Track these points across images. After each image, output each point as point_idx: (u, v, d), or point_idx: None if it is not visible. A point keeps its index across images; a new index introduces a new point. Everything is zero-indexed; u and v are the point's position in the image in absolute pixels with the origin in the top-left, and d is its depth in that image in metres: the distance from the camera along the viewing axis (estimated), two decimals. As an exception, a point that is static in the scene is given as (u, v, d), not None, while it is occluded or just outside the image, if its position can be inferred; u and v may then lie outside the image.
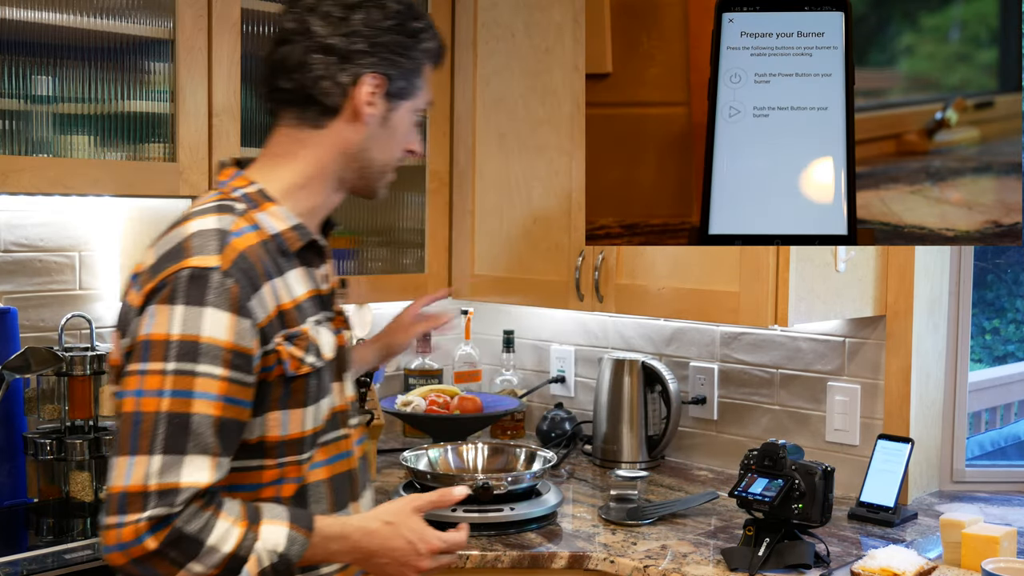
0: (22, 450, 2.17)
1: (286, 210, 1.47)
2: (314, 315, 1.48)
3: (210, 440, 1.31)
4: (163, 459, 1.29)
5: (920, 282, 2.34)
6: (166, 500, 1.28)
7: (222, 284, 1.34)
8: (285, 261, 1.45)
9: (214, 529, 1.30)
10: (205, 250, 1.36)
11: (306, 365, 1.43)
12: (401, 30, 1.49)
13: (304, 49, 1.46)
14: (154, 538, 1.27)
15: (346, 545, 1.43)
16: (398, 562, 1.46)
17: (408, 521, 1.48)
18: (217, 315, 1.33)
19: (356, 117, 1.48)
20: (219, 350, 1.32)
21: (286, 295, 1.43)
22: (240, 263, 1.37)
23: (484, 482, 2.09)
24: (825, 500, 1.92)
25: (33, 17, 2.04)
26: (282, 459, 1.43)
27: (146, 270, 1.38)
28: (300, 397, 1.44)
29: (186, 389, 1.31)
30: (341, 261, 2.66)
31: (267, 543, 1.34)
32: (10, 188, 2.01)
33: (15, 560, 1.83)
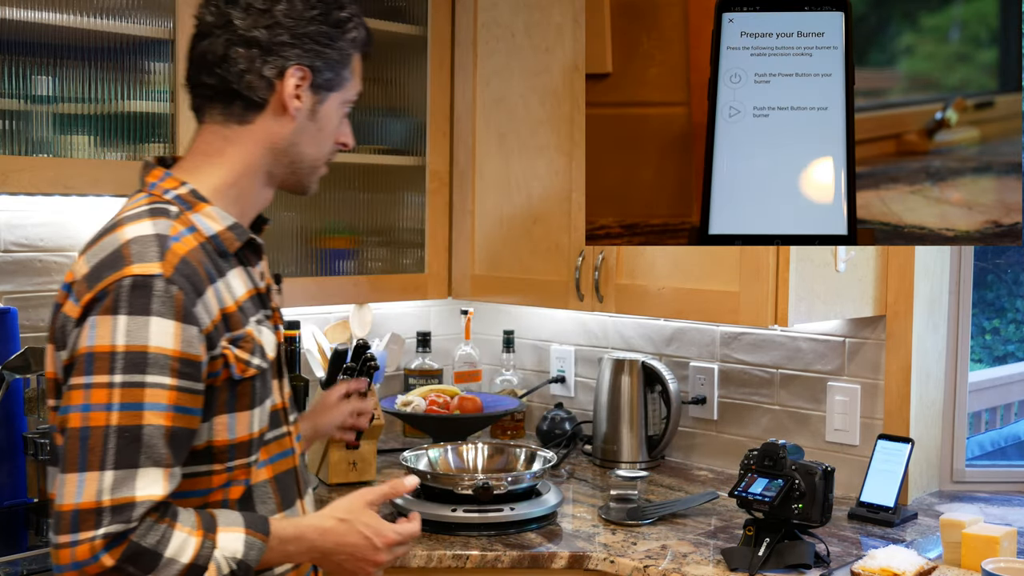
0: (22, 450, 2.17)
1: (220, 210, 1.44)
2: (255, 315, 1.46)
3: (162, 451, 1.29)
4: (115, 474, 1.26)
5: (920, 282, 2.34)
6: (121, 516, 1.25)
7: (166, 292, 1.30)
8: (224, 262, 1.43)
9: (171, 541, 1.28)
10: (146, 257, 1.32)
11: (252, 367, 1.41)
12: (325, 20, 1.46)
13: (226, 43, 1.42)
14: (110, 555, 1.25)
15: (303, 546, 1.43)
16: (355, 557, 1.46)
17: (362, 516, 1.47)
18: (163, 324, 1.29)
19: (283, 111, 1.45)
20: (167, 359, 1.29)
21: (228, 297, 1.40)
22: (183, 269, 1.33)
23: (484, 482, 2.09)
24: (825, 500, 1.91)
25: (33, 17, 2.04)
26: (231, 463, 1.41)
27: (81, 279, 1.34)
28: (246, 400, 1.42)
29: (136, 401, 1.28)
30: (341, 261, 2.66)
31: (225, 551, 1.32)
32: (10, 188, 2.01)
33: (15, 560, 1.83)
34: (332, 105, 1.50)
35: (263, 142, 1.47)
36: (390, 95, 2.76)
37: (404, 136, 2.78)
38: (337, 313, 2.84)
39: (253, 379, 1.42)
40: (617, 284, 2.41)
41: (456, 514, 2.08)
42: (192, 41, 1.47)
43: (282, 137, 1.47)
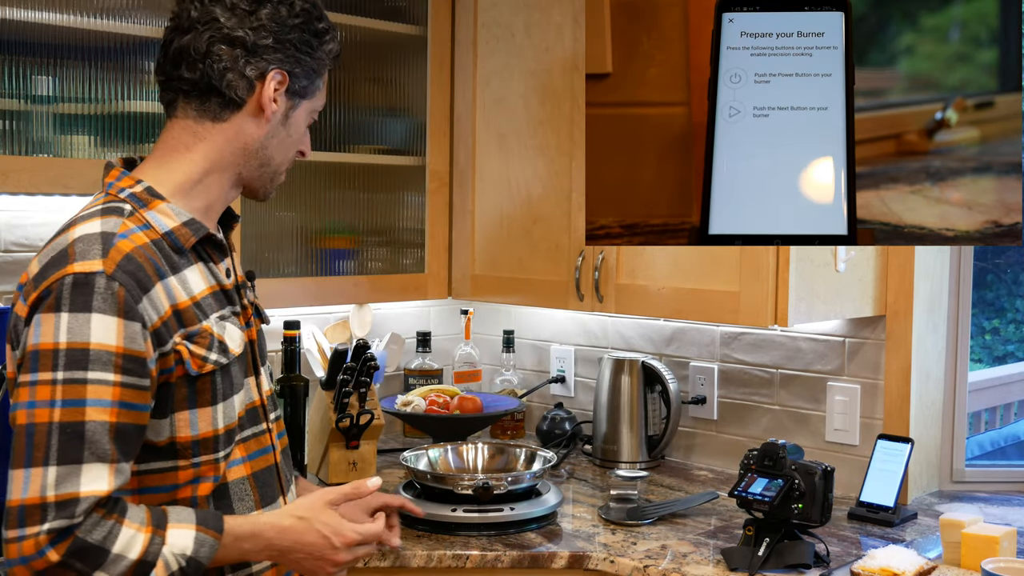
0: (22, 450, 2.16)
1: (177, 207, 1.44)
2: (217, 311, 1.46)
3: (106, 447, 1.29)
4: (58, 470, 1.27)
5: (920, 282, 2.34)
6: (65, 511, 1.26)
7: (108, 288, 1.31)
8: (180, 259, 1.43)
9: (119, 537, 1.29)
10: (88, 255, 1.33)
11: (209, 363, 1.41)
12: (307, 28, 1.49)
13: (209, 39, 1.43)
14: (55, 550, 1.25)
15: (259, 543, 1.42)
16: (313, 556, 1.45)
17: (321, 516, 1.46)
18: (104, 320, 1.30)
19: (259, 112, 1.47)
20: (109, 355, 1.30)
21: (182, 293, 1.40)
22: (125, 265, 1.34)
23: (484, 482, 2.09)
24: (825, 500, 1.92)
25: (33, 17, 2.04)
26: (196, 459, 1.41)
27: (30, 279, 1.35)
28: (207, 396, 1.42)
29: (78, 398, 1.29)
30: (341, 261, 2.66)
31: (174, 547, 1.32)
32: (10, 188, 2.01)
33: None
34: (302, 113, 1.53)
35: (235, 141, 1.48)
36: (390, 95, 2.76)
37: (404, 136, 2.78)
38: (337, 313, 2.84)
39: (212, 375, 1.42)
40: (617, 284, 2.41)
41: (456, 514, 2.08)
42: (169, 34, 1.47)
43: (255, 139, 1.48)
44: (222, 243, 1.51)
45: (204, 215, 1.49)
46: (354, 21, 2.59)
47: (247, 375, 1.52)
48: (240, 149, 1.48)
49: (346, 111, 2.64)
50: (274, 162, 1.52)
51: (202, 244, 1.47)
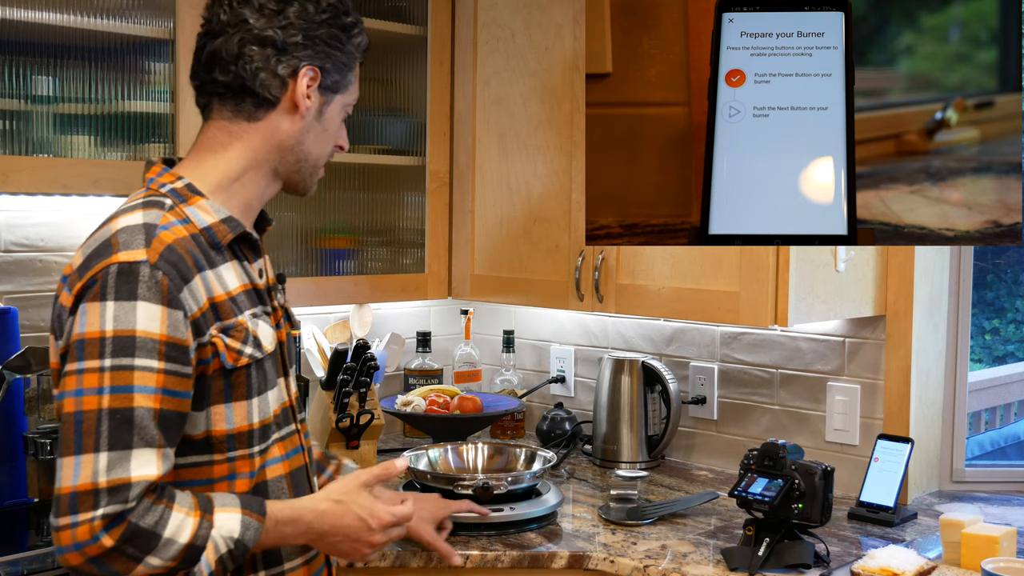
0: (22, 450, 2.17)
1: (215, 204, 1.47)
2: (249, 308, 1.48)
3: (154, 433, 1.32)
4: (109, 455, 1.29)
5: (920, 282, 2.34)
6: (118, 496, 1.28)
7: (152, 277, 1.34)
8: (216, 255, 1.45)
9: (169, 521, 1.31)
10: (132, 244, 1.35)
11: (245, 356, 1.43)
12: (334, 23, 1.51)
13: (240, 41, 1.46)
14: (109, 535, 1.27)
15: (299, 527, 1.45)
16: (350, 539, 1.49)
17: (357, 498, 1.49)
18: (149, 308, 1.33)
19: (293, 109, 1.49)
20: (154, 343, 1.32)
21: (219, 287, 1.43)
22: (168, 255, 1.36)
23: (484, 482, 2.09)
24: (825, 500, 1.92)
25: (33, 17, 2.04)
26: (231, 453, 1.44)
27: (75, 270, 1.38)
28: (242, 390, 1.44)
29: (125, 384, 1.31)
30: (341, 261, 2.66)
31: (222, 530, 1.35)
32: (10, 188, 2.01)
33: (15, 560, 1.83)
34: (336, 107, 1.54)
35: (270, 139, 1.50)
36: (390, 95, 2.76)
37: (404, 136, 2.78)
38: (337, 313, 2.85)
39: (247, 369, 1.44)
40: (617, 284, 2.41)
41: (456, 514, 2.08)
42: (201, 40, 1.50)
43: (290, 135, 1.50)
44: (257, 243, 1.54)
45: (242, 214, 1.51)
46: (354, 21, 2.58)
47: (278, 375, 1.54)
48: (276, 146, 1.50)
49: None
50: (311, 157, 1.54)
51: (238, 242, 1.50)
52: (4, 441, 2.16)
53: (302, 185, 1.57)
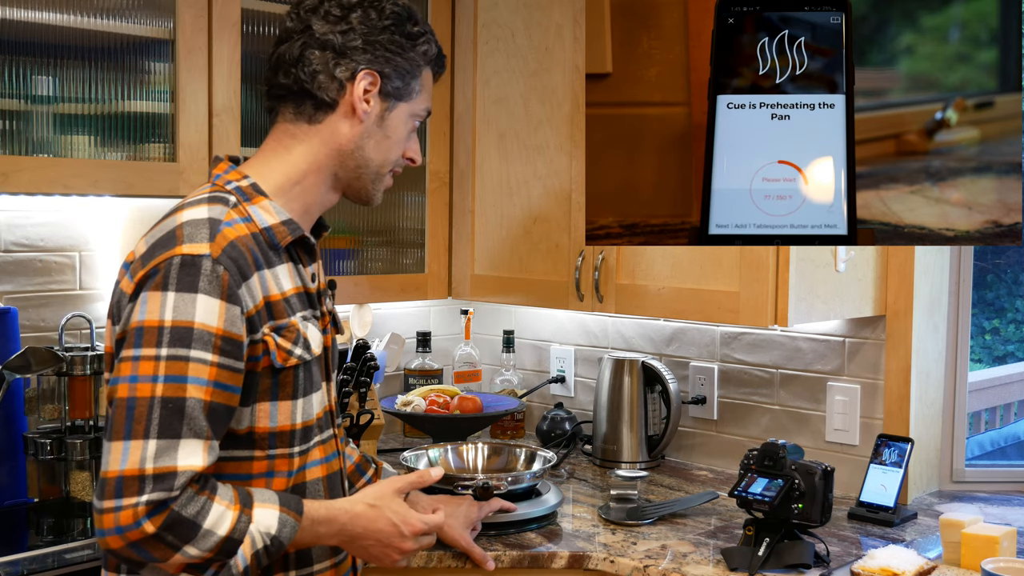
0: (22, 450, 2.17)
1: (277, 205, 1.49)
2: (301, 311, 1.49)
3: (203, 424, 1.33)
4: (158, 443, 1.30)
5: (920, 282, 2.34)
6: (164, 484, 1.29)
7: (213, 271, 1.35)
8: (274, 255, 1.47)
9: (210, 513, 1.33)
10: (196, 238, 1.37)
11: (294, 357, 1.45)
12: (397, 31, 1.52)
13: (302, 45, 1.49)
14: (152, 522, 1.29)
15: (333, 528, 1.46)
16: (381, 544, 1.50)
17: (391, 504, 1.51)
18: (208, 301, 1.34)
19: (352, 113, 1.50)
20: (210, 336, 1.34)
21: (274, 287, 1.45)
22: (230, 251, 1.38)
23: (484, 482, 2.09)
24: (825, 500, 1.92)
25: (33, 17, 2.04)
26: (271, 451, 1.45)
27: (138, 258, 1.40)
28: (288, 390, 1.46)
29: (180, 374, 1.32)
30: (341, 261, 2.66)
31: (260, 525, 1.36)
32: (10, 188, 2.01)
33: (15, 560, 1.83)
34: (400, 115, 1.55)
35: (330, 142, 1.52)
36: (390, 95, 2.76)
37: (404, 136, 2.78)
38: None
39: (296, 369, 1.46)
40: (617, 284, 2.41)
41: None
42: (273, 47, 1.54)
43: (349, 139, 1.52)
44: (313, 247, 1.55)
45: (300, 217, 1.53)
46: (354, 21, 2.59)
47: (323, 379, 1.56)
48: (336, 150, 1.52)
49: (346, 111, 2.64)
50: (372, 163, 1.55)
51: (295, 245, 1.51)
52: (4, 441, 2.16)
53: (364, 192, 1.58)
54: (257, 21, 2.35)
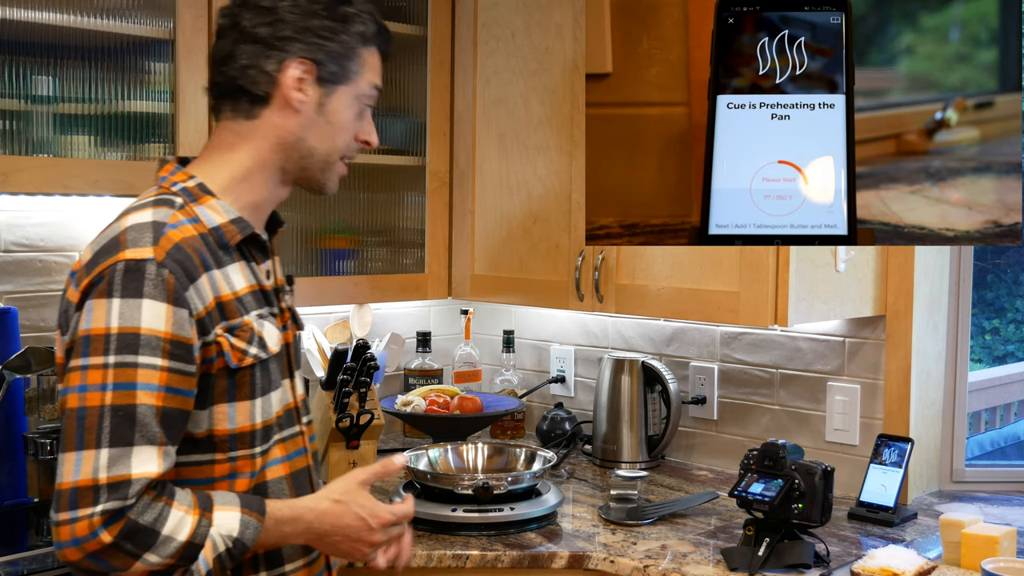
0: (22, 450, 2.17)
1: (226, 204, 1.47)
2: (256, 309, 1.48)
3: (155, 430, 1.32)
4: (111, 452, 1.29)
5: (920, 282, 2.34)
6: (118, 493, 1.28)
7: (158, 275, 1.34)
8: (224, 254, 1.45)
9: (168, 519, 1.31)
10: (140, 242, 1.36)
11: (249, 357, 1.43)
12: (329, 15, 1.48)
13: (233, 41, 1.47)
14: (108, 531, 1.27)
15: (299, 527, 1.44)
16: (350, 538, 1.48)
17: (357, 497, 1.49)
18: (154, 306, 1.33)
19: (287, 104, 1.48)
20: (158, 341, 1.33)
21: (226, 287, 1.43)
22: (175, 254, 1.37)
23: (484, 482, 2.09)
24: (825, 500, 1.92)
25: (33, 17, 2.04)
26: (233, 453, 1.44)
27: (83, 266, 1.38)
28: (246, 390, 1.44)
29: (128, 381, 1.31)
30: (341, 261, 2.66)
31: (221, 528, 1.35)
32: (10, 188, 2.01)
33: (15, 560, 1.83)
34: (342, 99, 1.51)
35: (271, 137, 1.49)
36: (390, 95, 2.76)
37: (404, 136, 2.78)
38: (337, 313, 2.85)
39: (252, 369, 1.45)
40: (617, 284, 2.41)
41: (456, 514, 2.08)
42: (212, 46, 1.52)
43: (290, 132, 1.49)
44: (265, 244, 1.54)
45: (251, 214, 1.51)
46: (354, 21, 2.58)
47: (283, 376, 1.54)
48: (278, 144, 1.49)
49: (346, 111, 2.64)
50: (318, 153, 1.51)
51: (246, 243, 1.50)
52: (4, 441, 2.16)
53: (315, 183, 1.55)
54: (257, 21, 2.34)
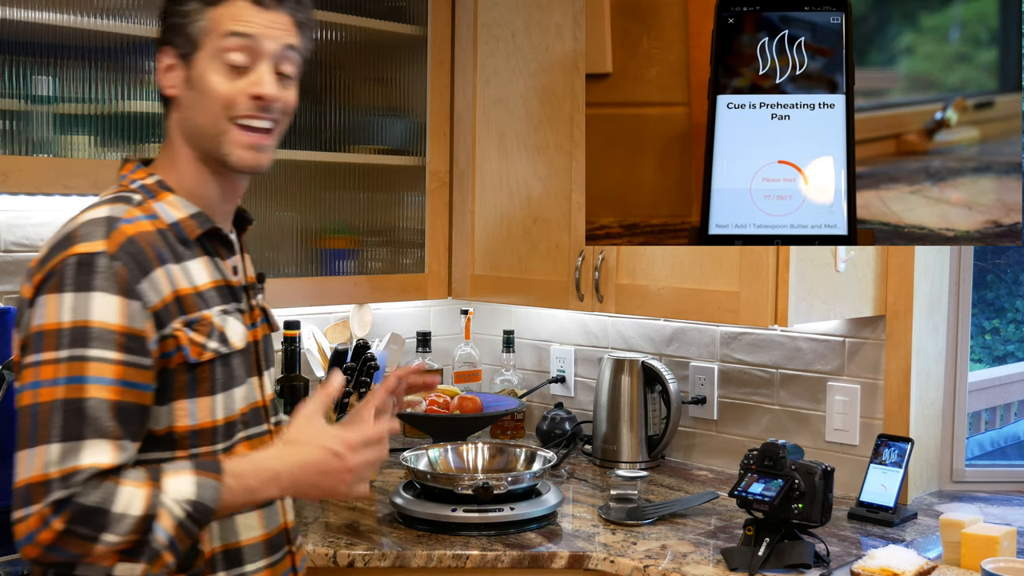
0: (22, 450, 2.16)
1: (184, 200, 1.48)
2: (219, 305, 1.47)
3: (108, 424, 1.30)
4: (63, 446, 1.27)
5: (920, 282, 2.34)
6: (66, 483, 1.27)
7: (109, 267, 1.33)
8: (185, 250, 1.45)
9: (117, 496, 1.28)
10: (92, 236, 1.35)
11: (208, 351, 1.42)
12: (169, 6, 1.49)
13: None
14: (59, 519, 1.26)
15: (264, 476, 1.38)
16: (323, 472, 1.39)
17: (310, 432, 1.41)
18: (106, 299, 1.32)
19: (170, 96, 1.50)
20: (111, 334, 1.32)
21: (185, 281, 1.42)
22: (128, 247, 1.36)
23: (484, 482, 2.09)
24: (825, 500, 1.92)
25: (33, 17, 2.04)
26: (194, 450, 1.42)
27: (37, 263, 1.38)
28: (206, 385, 1.43)
29: (80, 375, 1.30)
30: (341, 261, 2.66)
31: (174, 494, 1.30)
32: (10, 188, 2.01)
33: (15, 560, 1.82)
34: (201, 64, 1.46)
35: (176, 131, 1.51)
36: (390, 95, 2.76)
37: (404, 136, 2.78)
38: (337, 313, 2.85)
39: (212, 364, 1.43)
40: (617, 284, 2.41)
41: (456, 514, 2.08)
42: None
43: (182, 118, 1.50)
44: (228, 239, 1.53)
45: (213, 209, 1.51)
46: (354, 21, 2.59)
47: (251, 374, 1.53)
48: (182, 135, 1.50)
49: (346, 111, 2.64)
50: (204, 128, 1.47)
51: (209, 239, 1.49)
52: (4, 441, 2.16)
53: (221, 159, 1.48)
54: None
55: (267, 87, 1.46)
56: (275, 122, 1.49)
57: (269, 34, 1.46)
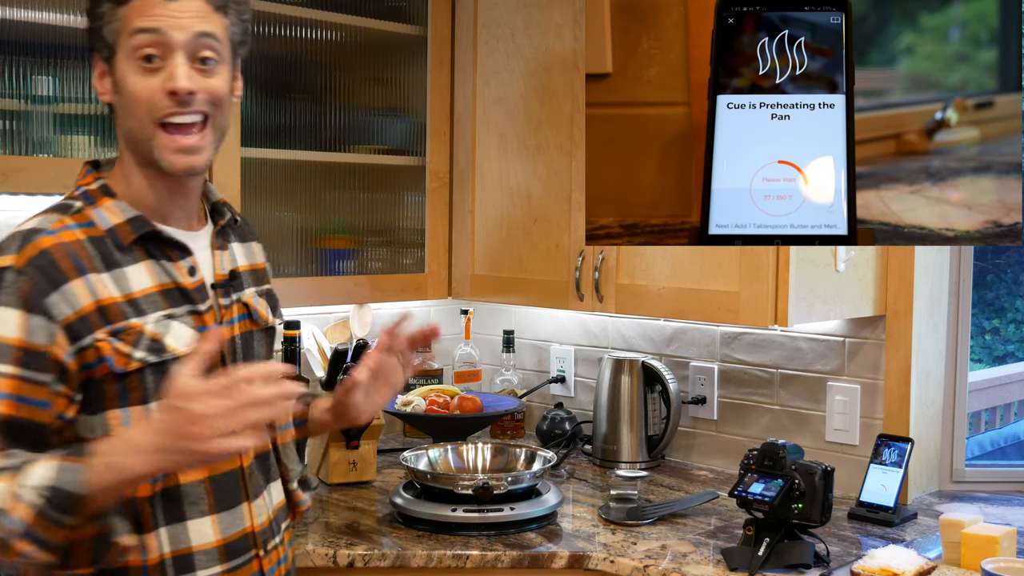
0: (22, 450, 2.16)
1: (125, 204, 1.46)
2: (162, 309, 1.43)
3: None
4: None
5: (920, 282, 2.34)
6: None
7: (15, 282, 1.34)
8: (123, 255, 1.43)
9: None
10: (6, 251, 1.37)
11: (135, 360, 1.39)
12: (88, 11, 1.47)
13: None
14: None
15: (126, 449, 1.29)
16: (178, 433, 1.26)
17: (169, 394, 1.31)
18: (6, 312, 1.33)
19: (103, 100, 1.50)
20: (8, 348, 1.32)
21: (112, 290, 1.40)
22: (36, 260, 1.36)
23: (484, 482, 2.09)
24: (825, 500, 1.92)
25: (33, 17, 2.04)
26: None
27: None
28: (138, 395, 1.40)
29: None
30: (341, 261, 2.66)
31: (32, 481, 1.27)
32: (10, 188, 2.01)
33: None
34: (121, 67, 1.44)
35: (119, 137, 1.50)
36: (390, 95, 2.76)
37: (404, 136, 2.78)
38: (337, 313, 2.84)
39: (142, 372, 1.40)
40: (617, 284, 2.41)
41: (456, 514, 2.08)
42: None
43: (119, 124, 1.49)
44: (177, 241, 1.49)
45: (158, 212, 1.49)
46: (354, 21, 2.59)
47: None
48: (123, 141, 1.49)
49: (346, 111, 2.64)
50: (135, 132, 1.45)
51: (152, 242, 1.46)
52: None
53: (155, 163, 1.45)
54: (257, 21, 2.34)
55: (180, 80, 1.41)
56: (203, 114, 1.45)
57: (177, 24, 1.41)
